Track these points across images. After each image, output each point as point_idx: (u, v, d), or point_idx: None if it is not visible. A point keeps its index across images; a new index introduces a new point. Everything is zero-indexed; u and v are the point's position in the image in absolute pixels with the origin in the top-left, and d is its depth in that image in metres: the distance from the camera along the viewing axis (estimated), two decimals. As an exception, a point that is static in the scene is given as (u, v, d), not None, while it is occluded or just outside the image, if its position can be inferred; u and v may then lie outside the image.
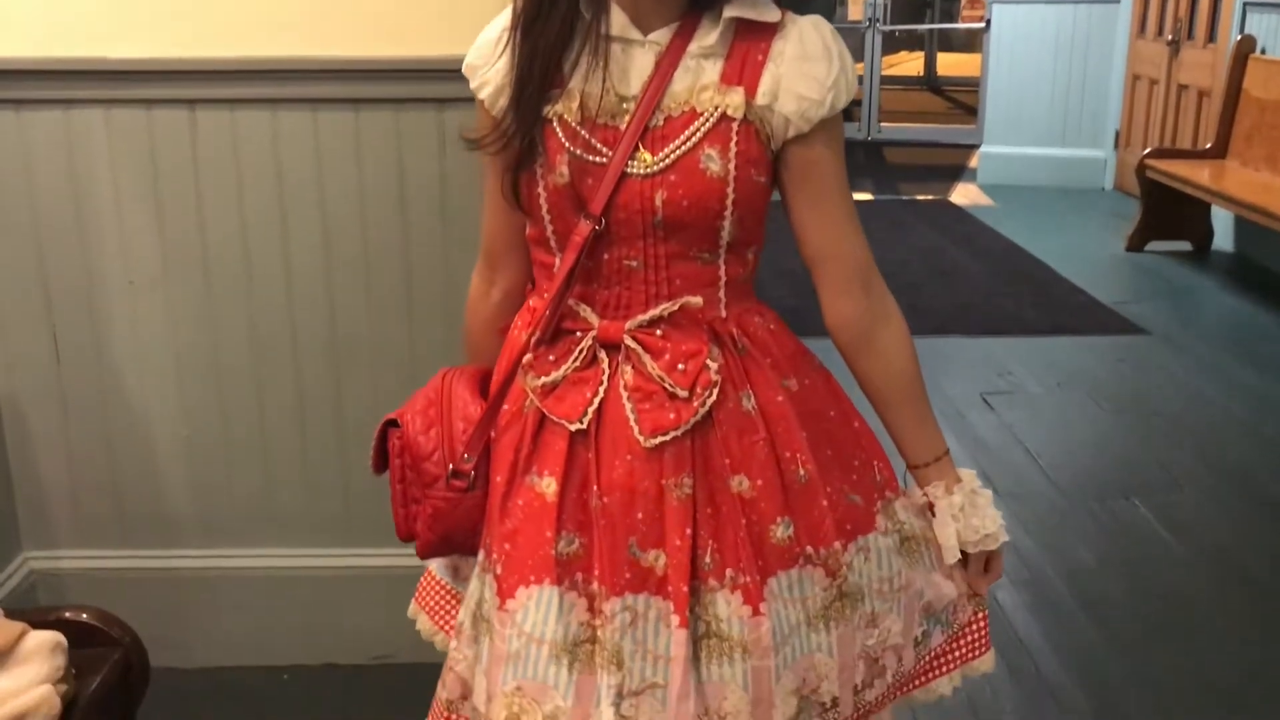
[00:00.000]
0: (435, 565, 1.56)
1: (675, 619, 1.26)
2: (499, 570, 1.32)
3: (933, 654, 1.50)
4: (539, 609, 1.28)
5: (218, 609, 2.58)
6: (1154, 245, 6.42)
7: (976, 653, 1.53)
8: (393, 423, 1.42)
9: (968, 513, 1.41)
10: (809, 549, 1.33)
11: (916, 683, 1.50)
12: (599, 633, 1.28)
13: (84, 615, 1.81)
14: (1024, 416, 4.18)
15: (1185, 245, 6.41)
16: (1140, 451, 3.96)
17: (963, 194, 8.07)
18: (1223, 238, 6.41)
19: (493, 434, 1.38)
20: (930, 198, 7.98)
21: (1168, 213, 6.30)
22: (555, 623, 1.28)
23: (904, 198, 8.06)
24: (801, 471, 1.33)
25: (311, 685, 2.57)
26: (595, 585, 1.29)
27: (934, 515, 1.43)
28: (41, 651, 1.61)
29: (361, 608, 2.59)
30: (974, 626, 1.52)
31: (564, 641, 1.28)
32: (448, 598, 1.55)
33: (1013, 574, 3.09)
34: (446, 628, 1.54)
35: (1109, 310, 5.39)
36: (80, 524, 2.54)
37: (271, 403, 2.49)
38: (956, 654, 1.52)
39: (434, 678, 1.51)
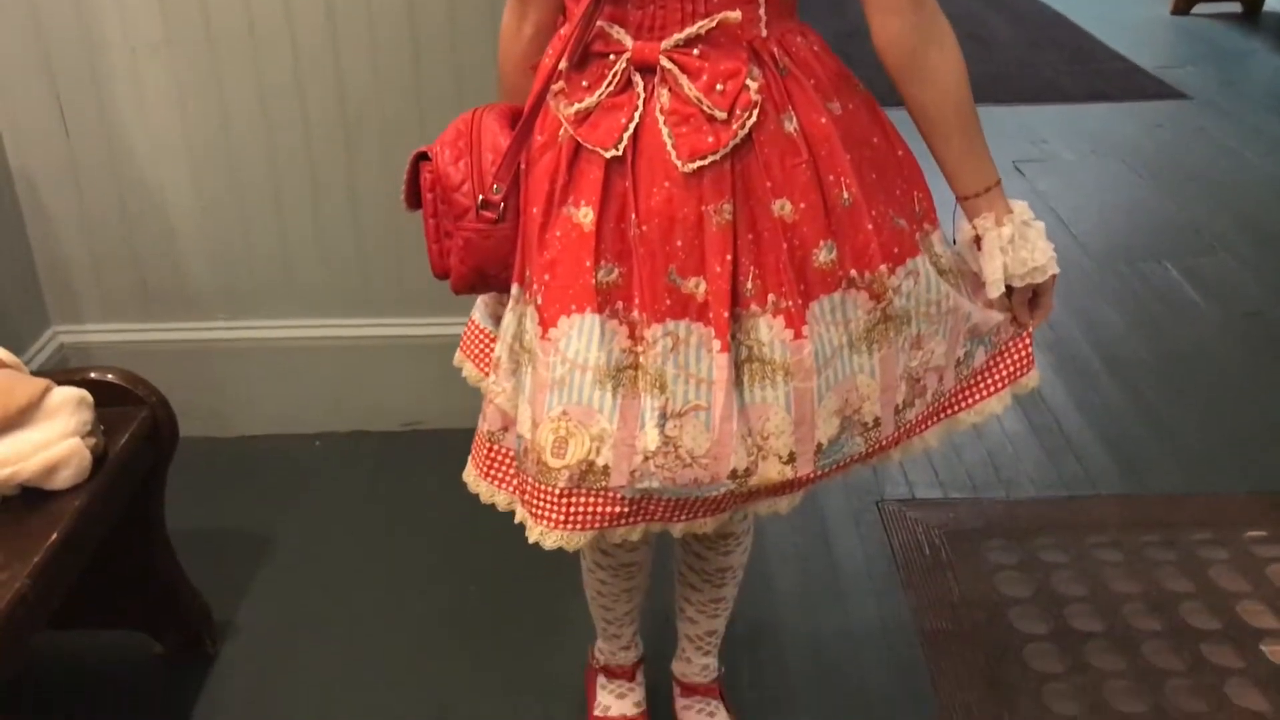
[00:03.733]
0: (478, 314, 1.56)
1: (717, 344, 1.26)
2: (540, 300, 1.30)
3: (976, 374, 1.50)
4: (581, 336, 1.28)
5: (246, 379, 2.62)
6: (1201, 8, 6.14)
7: (1022, 370, 1.51)
8: (424, 156, 1.39)
9: (1016, 245, 1.36)
10: (853, 273, 1.30)
11: (964, 404, 1.49)
12: (641, 359, 1.28)
13: (109, 375, 1.82)
14: (1056, 184, 4.08)
15: (1234, 7, 6.13)
16: (1174, 216, 3.88)
17: (1001, -41, 7.70)
18: (1274, -2, 6.11)
19: (524, 165, 1.35)
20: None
21: (1217, -29, 6.00)
22: (598, 349, 1.27)
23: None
24: (845, 195, 1.29)
25: (343, 452, 2.63)
26: (636, 313, 1.28)
27: (980, 249, 1.39)
28: (67, 406, 1.63)
29: (389, 377, 2.63)
30: (1019, 345, 1.50)
31: (607, 367, 1.28)
32: (490, 345, 1.54)
33: (1038, 335, 3.02)
34: (488, 372, 1.53)
35: (1149, 75, 5.20)
36: (104, 298, 2.56)
37: (284, 174, 2.45)
38: (1003, 372, 1.50)
39: (462, 443, 1.53)
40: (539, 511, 1.32)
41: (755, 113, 1.24)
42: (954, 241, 1.44)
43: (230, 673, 2.01)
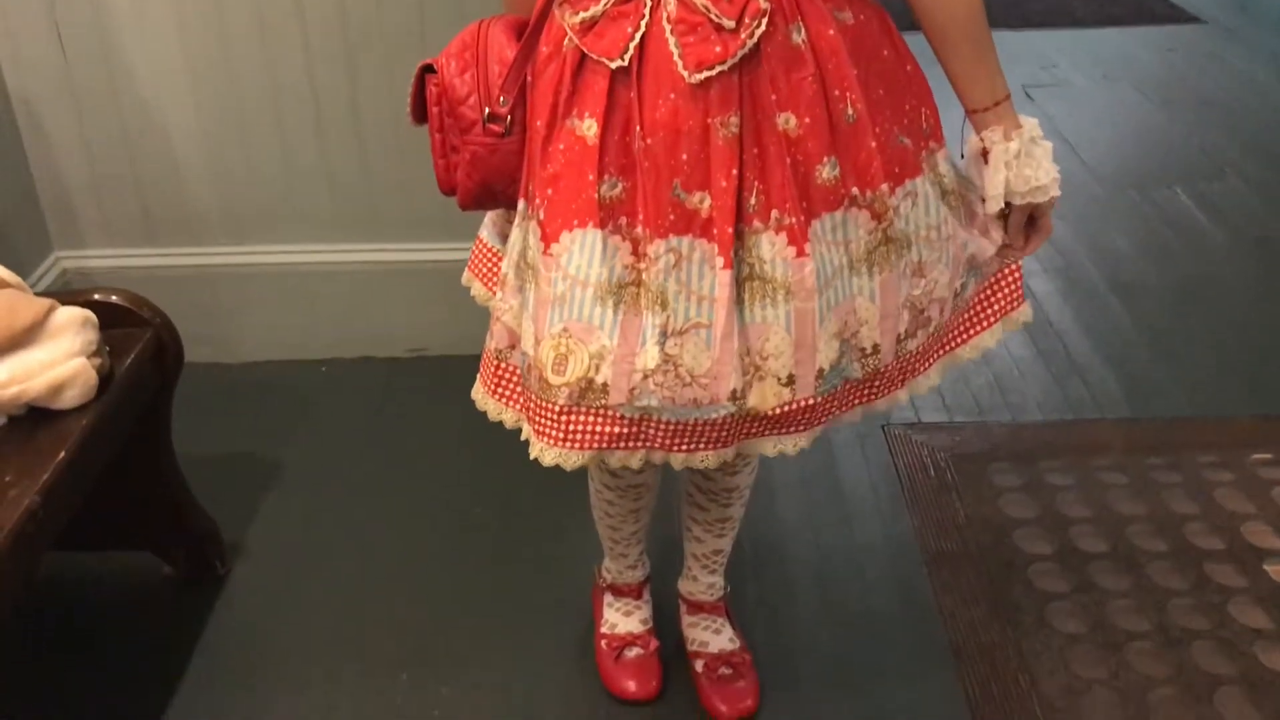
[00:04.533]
0: (486, 232, 1.55)
1: (719, 260, 1.25)
2: (542, 215, 1.29)
3: (970, 309, 1.49)
4: (583, 252, 1.27)
5: (251, 305, 2.61)
6: (1216, -70, 6.02)
7: (1014, 305, 1.51)
8: (429, 68, 1.37)
9: (1022, 161, 1.34)
10: (855, 191, 1.29)
11: (961, 339, 1.49)
12: (643, 275, 1.27)
13: (113, 297, 1.81)
14: (1067, 109, 4.04)
15: (1250, -71, 6.01)
16: (1185, 140, 3.83)
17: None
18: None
19: (530, 77, 1.32)
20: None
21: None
22: (599, 265, 1.26)
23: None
24: (850, 110, 1.27)
25: (349, 377, 2.63)
26: (639, 229, 1.26)
27: (986, 163, 1.37)
28: (72, 325, 1.63)
29: (395, 303, 2.62)
30: (1009, 278, 1.50)
31: (608, 283, 1.27)
32: (499, 262, 1.53)
33: (1046, 262, 3.06)
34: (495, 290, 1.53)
35: (1163, 0, 5.12)
36: (107, 223, 2.55)
37: (286, 98, 2.42)
38: (995, 307, 1.50)
39: (468, 370, 1.52)
40: (540, 428, 1.32)
41: (764, 22, 1.22)
42: (962, 156, 1.42)
43: (239, 594, 2.02)
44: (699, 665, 1.79)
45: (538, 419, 1.32)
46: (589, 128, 1.26)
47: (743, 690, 1.76)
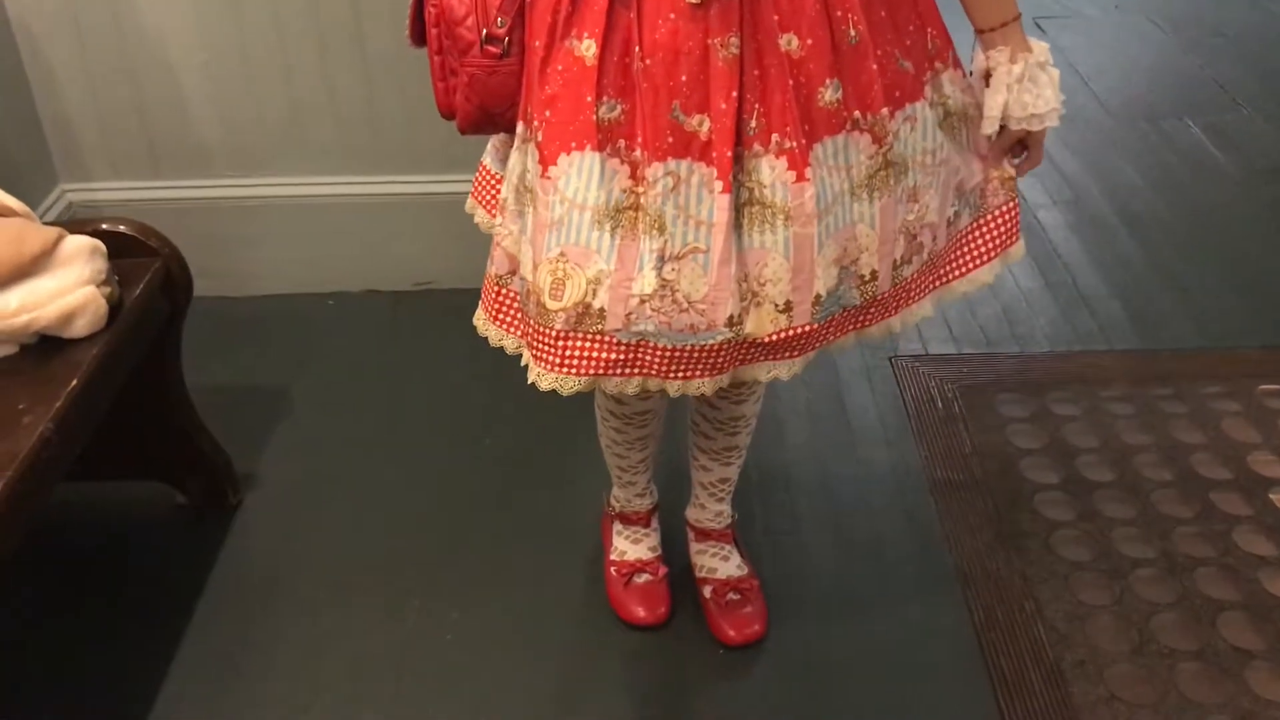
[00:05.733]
0: (488, 159, 1.54)
1: (719, 184, 1.24)
2: (540, 138, 1.28)
3: (968, 243, 1.48)
4: (581, 175, 1.26)
5: (258, 238, 2.61)
6: None
7: (1010, 240, 1.51)
8: None
9: (1024, 86, 1.34)
10: (857, 114, 1.28)
11: (956, 273, 1.49)
12: (641, 199, 1.26)
13: (121, 226, 1.81)
14: (1078, 40, 3.99)
15: None
16: (1198, 72, 3.79)
17: None
18: None
19: None
20: None
21: None
22: (597, 189, 1.26)
23: None
24: (853, 32, 1.25)
25: (356, 310, 2.63)
26: (638, 152, 1.25)
27: (988, 84, 1.36)
28: (81, 254, 1.63)
29: (401, 236, 2.61)
30: (1007, 213, 1.49)
31: (606, 207, 1.26)
32: (500, 188, 1.51)
33: (1055, 194, 3.05)
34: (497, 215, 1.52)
35: (1178, -72, 5.03)
36: (112, 155, 2.53)
37: (289, 27, 2.39)
38: (993, 242, 1.50)
39: (474, 303, 1.51)
40: (539, 354, 1.32)
41: None
42: (971, 74, 1.41)
43: (252, 523, 2.04)
44: (707, 591, 1.81)
45: (536, 344, 1.33)
46: (588, 48, 1.24)
47: (750, 616, 1.78)
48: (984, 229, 1.49)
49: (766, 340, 1.31)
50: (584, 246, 1.27)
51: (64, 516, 2.01)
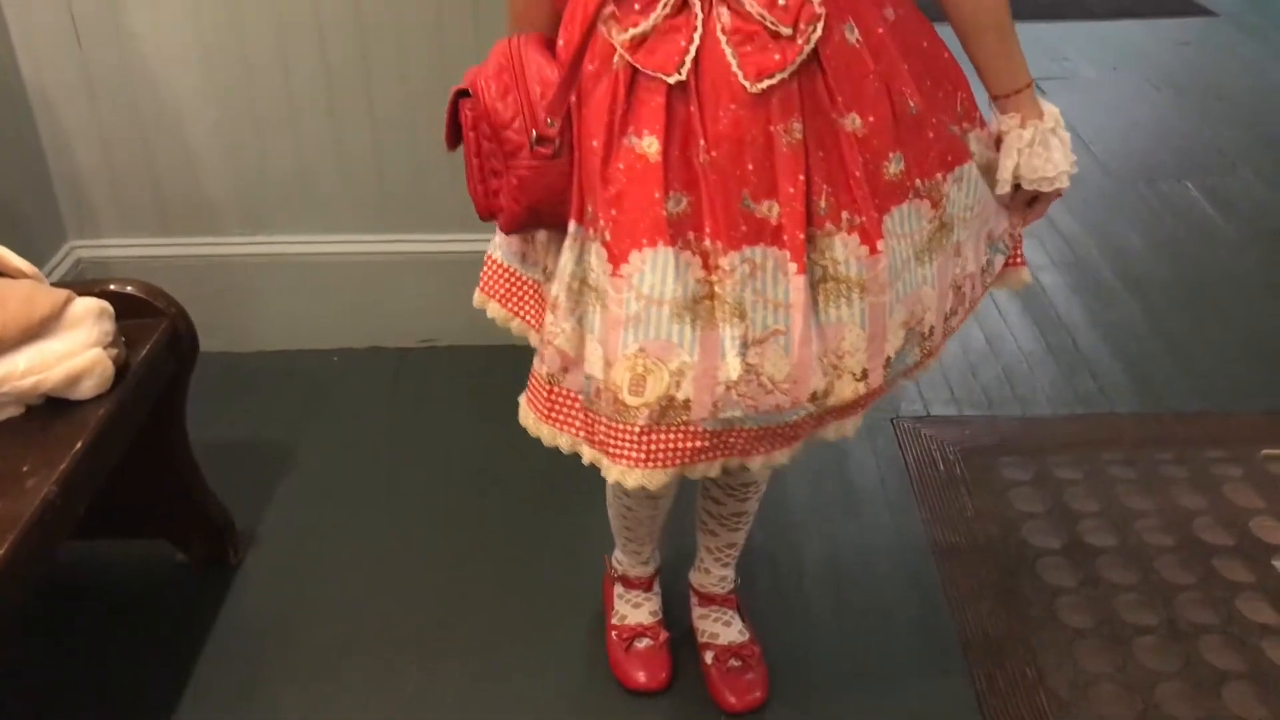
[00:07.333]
0: (500, 252, 1.52)
1: (793, 266, 1.26)
2: (608, 236, 1.28)
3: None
4: (655, 271, 1.26)
5: (264, 294, 2.62)
6: (1230, -78, 6.00)
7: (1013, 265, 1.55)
8: (464, 93, 1.33)
9: (1034, 150, 1.37)
10: (918, 182, 1.32)
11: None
12: (717, 288, 1.27)
13: (129, 288, 1.82)
14: (1077, 101, 4.03)
15: (1264, -79, 5.98)
16: (1196, 134, 3.83)
17: (1025, -128, 7.51)
18: (1306, -89, 5.96)
19: (575, 95, 1.30)
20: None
21: (1248, -117, 5.84)
22: (674, 282, 1.26)
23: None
24: (911, 104, 1.30)
25: (360, 366, 2.64)
26: (708, 242, 1.26)
27: (999, 149, 1.40)
28: (89, 316, 1.64)
29: (405, 293, 2.63)
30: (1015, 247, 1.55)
31: (684, 299, 1.26)
32: (515, 283, 1.52)
33: (1057, 256, 3.07)
34: (520, 313, 1.52)
35: (1176, -9, 5.10)
36: (122, 212, 2.56)
37: (299, 87, 2.43)
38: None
39: (479, 360, 1.53)
40: (617, 451, 1.32)
41: (819, 26, 1.23)
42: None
43: (252, 582, 2.04)
44: (709, 657, 1.81)
45: (614, 442, 1.32)
46: (649, 145, 1.25)
47: (752, 682, 1.77)
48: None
49: (843, 407, 1.35)
50: (664, 340, 1.27)
51: (62, 575, 2.01)
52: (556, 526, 2.15)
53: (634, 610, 1.85)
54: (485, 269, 1.55)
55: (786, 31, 1.22)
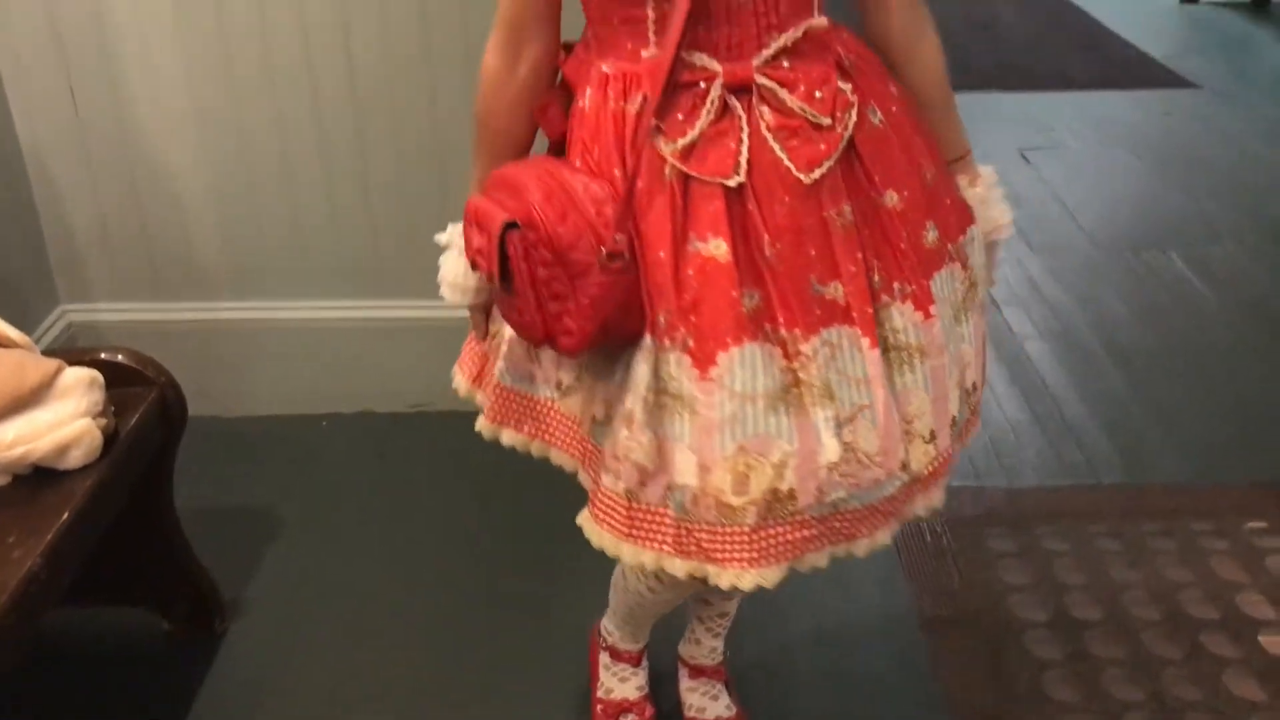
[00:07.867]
0: (507, 379, 1.49)
1: (865, 341, 1.29)
2: (690, 343, 1.27)
3: None
4: (745, 367, 1.27)
5: (254, 360, 2.63)
6: (1210, -4, 6.13)
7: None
8: (511, 225, 1.28)
9: (988, 204, 1.47)
10: (949, 246, 1.38)
11: None
12: (800, 374, 1.29)
13: (119, 356, 1.83)
14: (1062, 172, 4.08)
15: (1244, -5, 6.12)
16: (1180, 205, 3.87)
17: (1011, -56, 7.66)
18: (1284, -14, 6.09)
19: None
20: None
21: (1228, -41, 5.99)
22: (764, 376, 1.27)
23: (948, -51, 7.67)
24: (929, 174, 1.36)
25: (350, 433, 2.64)
26: (783, 331, 1.28)
27: None
28: (79, 386, 1.64)
29: (397, 358, 2.64)
30: None
31: (776, 390, 1.28)
32: (529, 405, 1.49)
33: (1042, 325, 3.09)
34: (539, 434, 1.49)
35: (1159, 64, 5.19)
36: (114, 277, 2.57)
37: (294, 154, 2.46)
38: None
39: (468, 426, 1.52)
40: (725, 555, 1.30)
41: (854, 112, 1.29)
42: None
43: (238, 651, 2.03)
44: (695, 731, 1.80)
45: (721, 547, 1.31)
46: (717, 247, 1.26)
47: (738, 757, 1.76)
48: None
49: (925, 474, 1.37)
50: (763, 435, 1.27)
51: (44, 642, 1.99)
52: (546, 595, 2.14)
53: (621, 684, 1.84)
54: (494, 398, 1.51)
55: (826, 121, 1.27)
